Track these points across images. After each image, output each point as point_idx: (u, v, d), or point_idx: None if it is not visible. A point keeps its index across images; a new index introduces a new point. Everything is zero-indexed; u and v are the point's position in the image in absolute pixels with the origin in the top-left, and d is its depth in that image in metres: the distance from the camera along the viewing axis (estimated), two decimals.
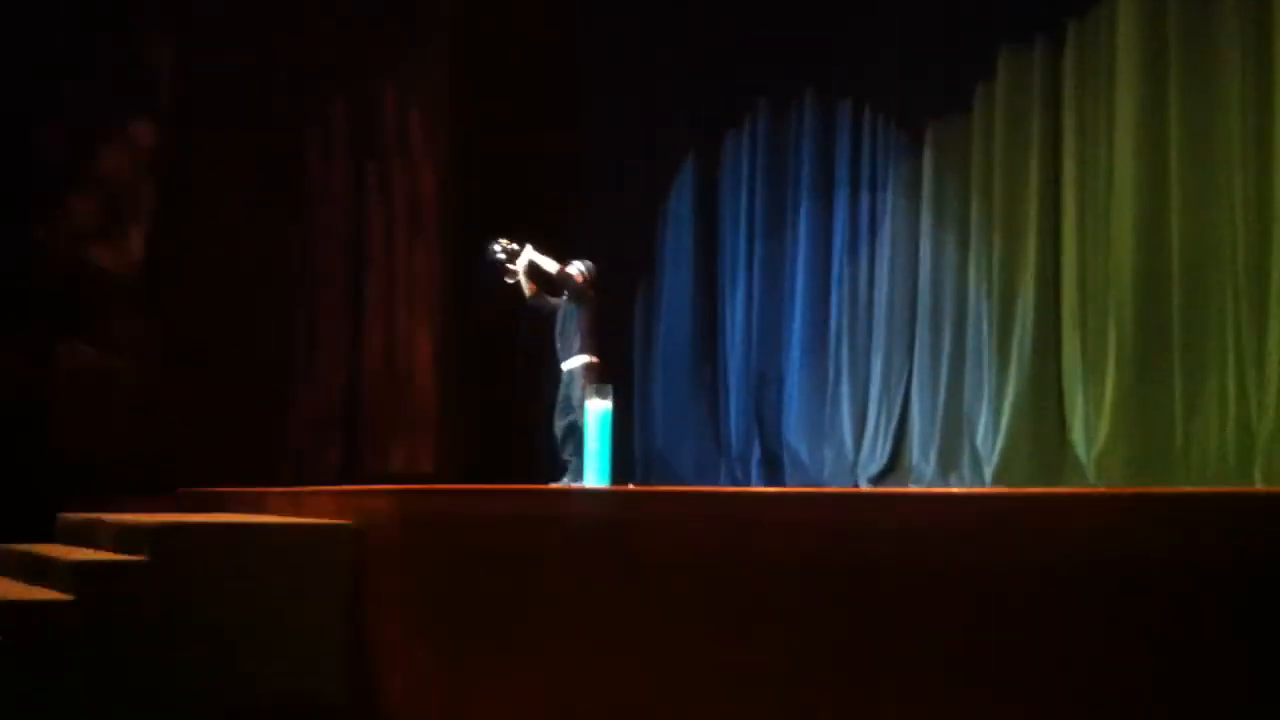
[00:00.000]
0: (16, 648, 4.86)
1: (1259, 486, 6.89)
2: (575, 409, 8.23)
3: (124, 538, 5.59)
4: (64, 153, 7.86)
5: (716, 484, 9.89)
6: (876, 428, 9.51)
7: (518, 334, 9.32)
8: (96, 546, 5.80)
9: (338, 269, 9.38)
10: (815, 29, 10.03)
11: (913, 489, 8.37)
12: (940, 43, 9.36)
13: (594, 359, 8.46)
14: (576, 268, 8.57)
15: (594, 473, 7.42)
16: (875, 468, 9.32)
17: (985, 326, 8.91)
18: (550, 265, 8.62)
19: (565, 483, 8.10)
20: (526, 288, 8.72)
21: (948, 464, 8.94)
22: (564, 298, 8.61)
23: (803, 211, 10.22)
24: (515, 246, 8.65)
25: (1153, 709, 3.11)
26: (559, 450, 8.51)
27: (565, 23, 10.89)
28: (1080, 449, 8.21)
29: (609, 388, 7.91)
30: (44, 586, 5.42)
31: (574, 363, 8.47)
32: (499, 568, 4.76)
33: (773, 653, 3.97)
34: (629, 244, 11.03)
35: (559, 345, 8.57)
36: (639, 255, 11.12)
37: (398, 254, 9.83)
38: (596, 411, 7.60)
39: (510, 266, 8.67)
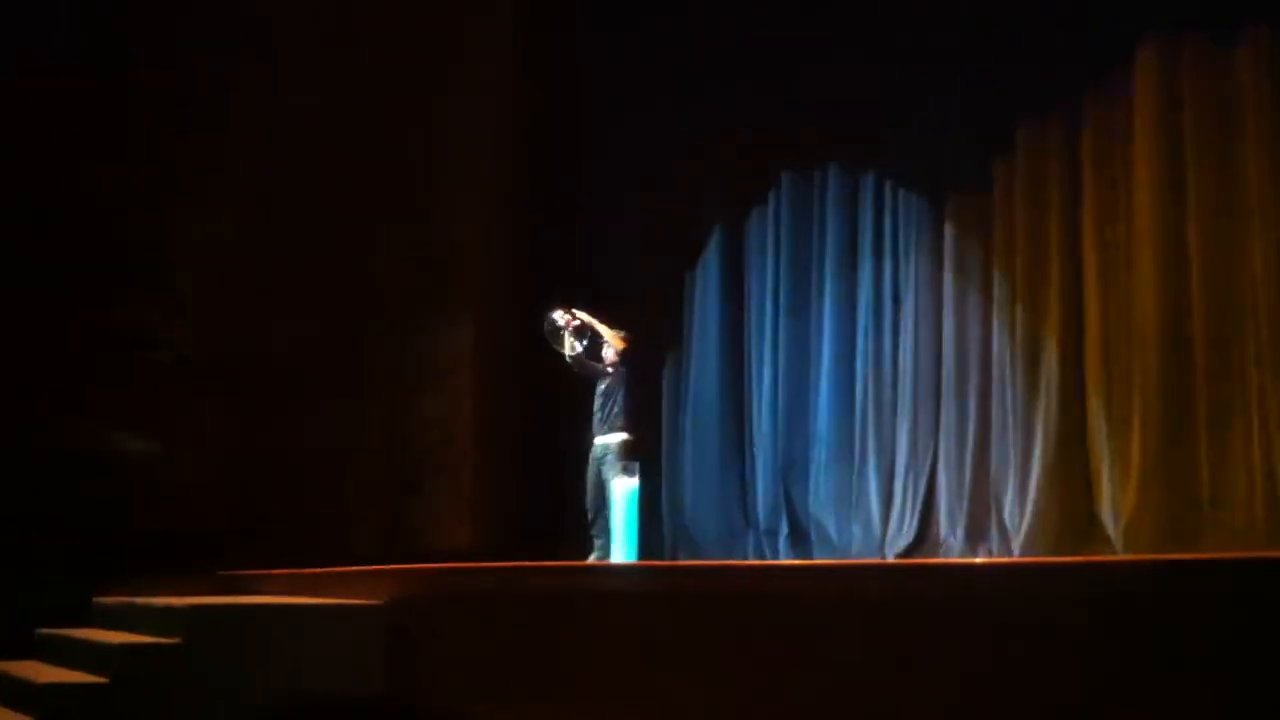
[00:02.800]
0: None
1: None
2: (605, 484, 8.23)
3: (158, 620, 5.67)
4: (130, 245, 8.05)
5: (744, 559, 9.88)
6: (904, 501, 9.48)
7: (558, 409, 9.35)
8: (132, 629, 5.88)
9: (382, 348, 9.49)
10: (838, 105, 10.16)
11: (941, 560, 8.36)
12: (960, 116, 9.47)
13: (630, 436, 8.46)
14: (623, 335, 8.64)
15: (621, 548, 7.47)
16: (903, 542, 9.30)
17: (1010, 397, 8.93)
18: (605, 330, 8.64)
19: (594, 559, 8.08)
20: (568, 346, 8.70)
21: (976, 536, 8.92)
22: (606, 367, 8.62)
23: (827, 285, 10.28)
24: (573, 317, 8.67)
25: None
26: (589, 526, 8.48)
27: (592, 98, 11.06)
28: (1108, 519, 8.19)
29: (637, 464, 7.98)
30: (80, 670, 5.50)
31: (611, 439, 8.43)
32: (523, 641, 4.81)
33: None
34: (655, 319, 11.13)
35: (597, 418, 8.54)
36: (665, 330, 11.21)
37: (441, 330, 9.93)
38: (625, 489, 7.67)
39: (568, 338, 8.66)
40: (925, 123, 9.67)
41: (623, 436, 8.42)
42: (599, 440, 8.47)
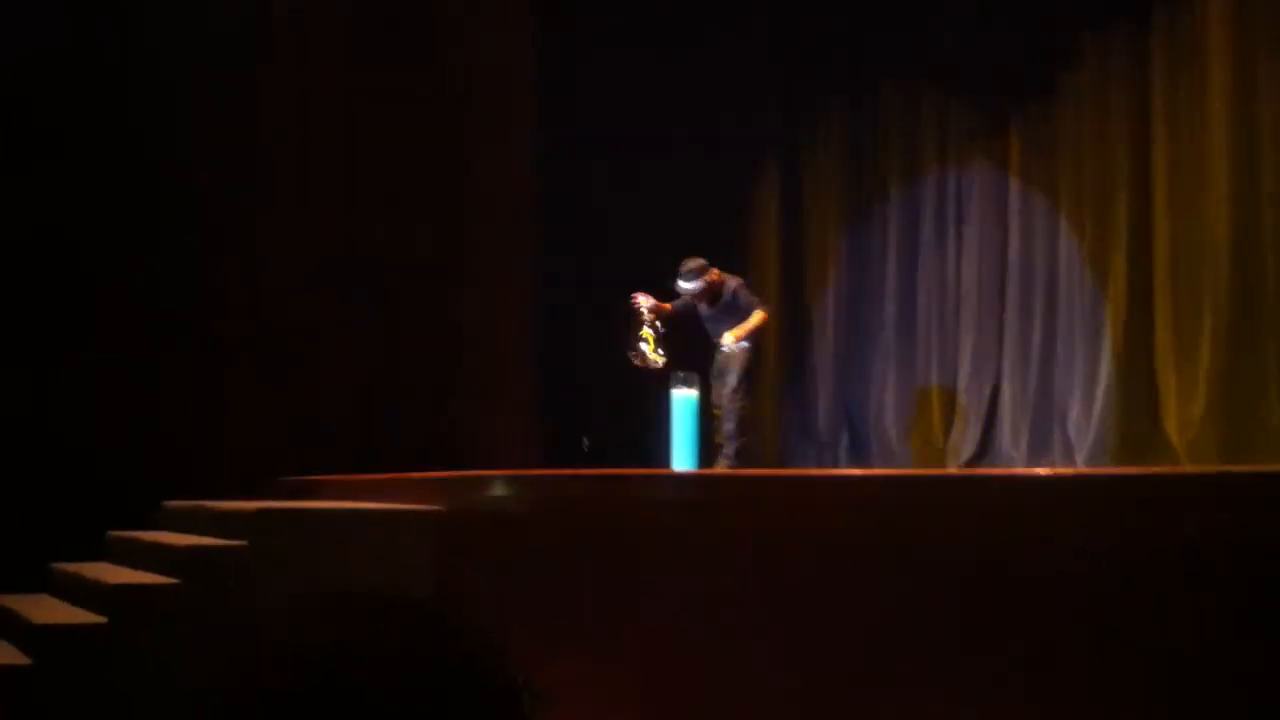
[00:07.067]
0: (125, 627, 5.07)
1: None
2: (736, 391, 8.12)
3: (224, 523, 5.78)
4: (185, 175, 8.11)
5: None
6: (966, 414, 9.44)
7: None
8: (198, 533, 6.00)
9: (430, 258, 9.49)
10: (897, 12, 9.97)
11: (999, 469, 8.32)
12: (1025, 22, 9.26)
13: (749, 345, 8.28)
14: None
15: (680, 458, 7.49)
16: (965, 454, 9.26)
17: (1076, 310, 8.82)
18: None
19: (722, 466, 7.87)
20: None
21: (1039, 450, 8.86)
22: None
23: (889, 197, 10.17)
24: (653, 311, 8.46)
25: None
26: (715, 432, 8.26)
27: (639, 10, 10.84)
28: (1174, 434, 8.11)
29: (695, 376, 7.95)
30: (150, 571, 5.63)
31: (733, 346, 8.23)
32: (584, 548, 4.85)
33: (850, 635, 4.02)
34: (714, 235, 11.03)
35: (712, 330, 8.32)
36: (725, 246, 11.11)
37: (487, 245, 9.92)
38: (681, 398, 7.66)
39: (650, 329, 8.50)
40: (988, 30, 9.48)
41: (745, 343, 8.23)
42: (724, 347, 8.28)
